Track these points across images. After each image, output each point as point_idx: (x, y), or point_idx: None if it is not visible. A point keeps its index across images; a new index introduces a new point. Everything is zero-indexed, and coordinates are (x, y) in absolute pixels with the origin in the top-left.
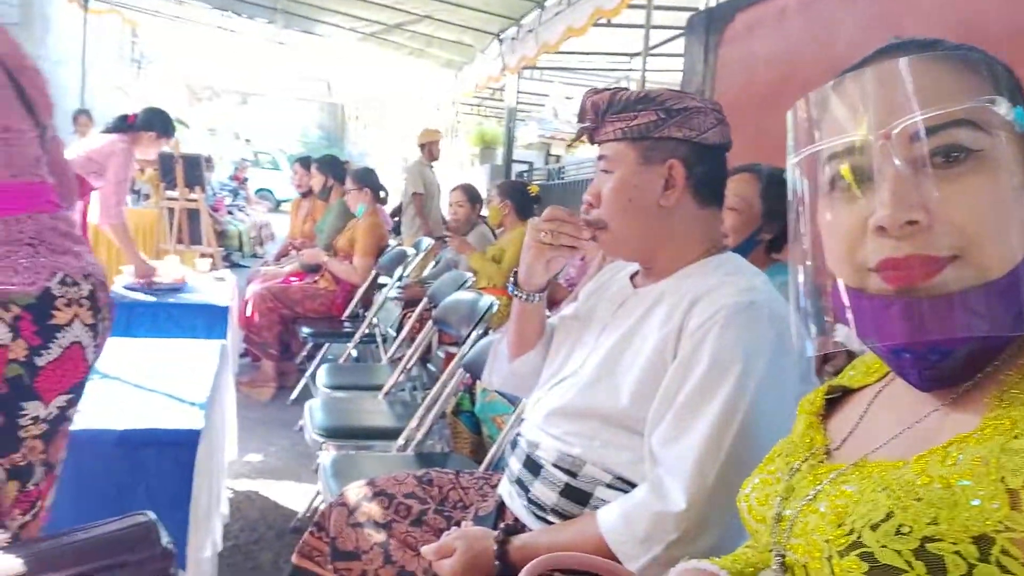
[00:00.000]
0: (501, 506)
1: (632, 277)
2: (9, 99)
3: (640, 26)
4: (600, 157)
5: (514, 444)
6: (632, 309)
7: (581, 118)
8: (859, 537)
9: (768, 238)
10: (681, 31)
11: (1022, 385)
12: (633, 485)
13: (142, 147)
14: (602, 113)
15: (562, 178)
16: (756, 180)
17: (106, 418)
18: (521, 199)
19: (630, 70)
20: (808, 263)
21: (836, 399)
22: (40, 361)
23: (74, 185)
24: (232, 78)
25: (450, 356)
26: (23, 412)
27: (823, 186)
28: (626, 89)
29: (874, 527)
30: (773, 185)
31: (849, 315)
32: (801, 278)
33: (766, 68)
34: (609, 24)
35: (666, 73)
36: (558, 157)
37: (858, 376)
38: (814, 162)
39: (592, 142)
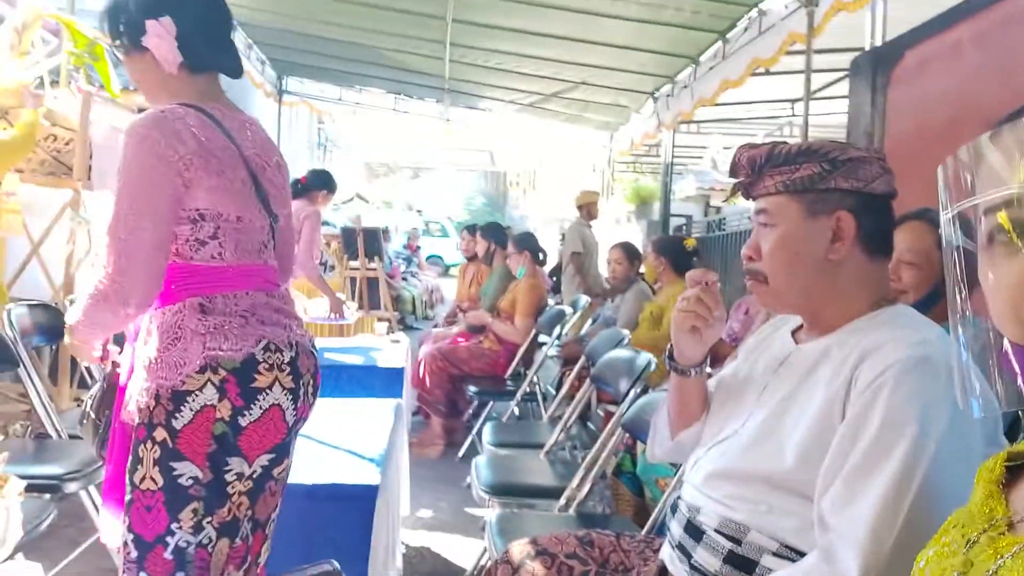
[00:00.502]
0: (663, 571)
1: (794, 332)
2: (247, 194)
3: (800, 71)
4: (759, 211)
5: (674, 508)
6: (795, 366)
7: (734, 173)
8: None
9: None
10: (844, 73)
11: None
12: (801, 554)
13: (319, 205)
14: (760, 167)
15: (723, 229)
16: (932, 230)
17: (296, 473)
18: (677, 254)
19: (792, 116)
20: (969, 321)
21: (1021, 466)
22: (243, 421)
23: (292, 265)
24: (404, 155)
25: (609, 415)
26: (228, 468)
27: (981, 240)
28: (784, 143)
29: None
30: None
31: (1019, 372)
32: (963, 337)
33: (941, 106)
34: (768, 72)
35: (830, 116)
36: (718, 209)
37: None
38: (969, 216)
39: (748, 197)
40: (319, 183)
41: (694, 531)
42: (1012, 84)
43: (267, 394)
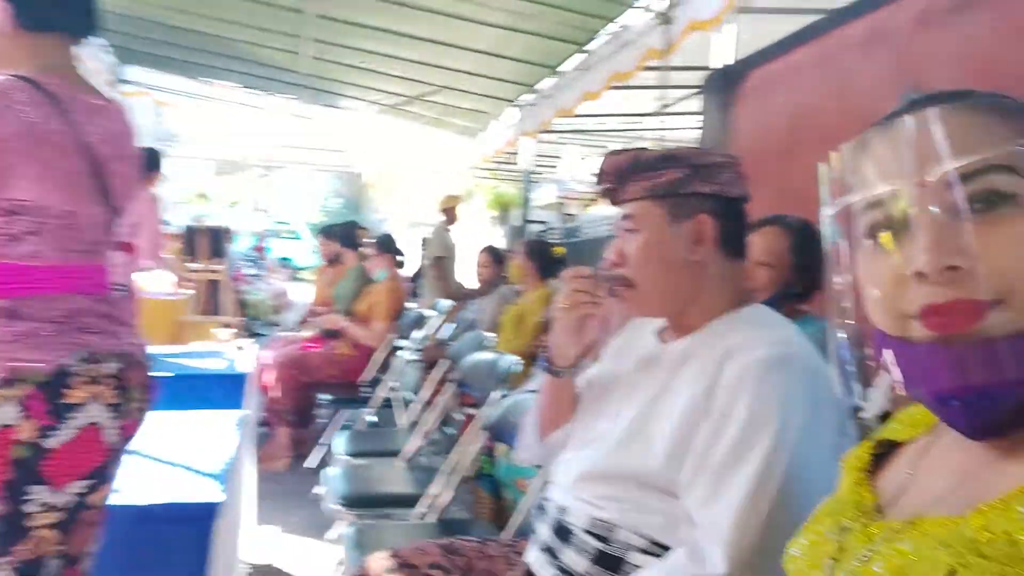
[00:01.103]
0: (529, 575)
1: (659, 332)
2: (82, 186)
3: (655, 87)
4: (625, 217)
5: (542, 509)
6: (662, 366)
7: (601, 180)
8: None
9: (798, 292)
10: (696, 90)
11: None
12: (667, 549)
13: (151, 186)
14: (624, 174)
15: (578, 236)
16: (784, 233)
17: (125, 493)
18: (545, 259)
19: (644, 130)
20: (848, 314)
21: (882, 454)
22: (51, 443)
23: (139, 260)
24: (254, 152)
25: (469, 418)
26: (29, 498)
27: (860, 236)
28: (647, 149)
29: None
30: (803, 238)
31: (893, 365)
32: (841, 330)
33: (783, 123)
34: (625, 86)
35: (681, 131)
36: (573, 216)
37: (902, 429)
38: (849, 213)
39: (614, 203)
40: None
41: (562, 532)
42: (847, 105)
43: (82, 411)
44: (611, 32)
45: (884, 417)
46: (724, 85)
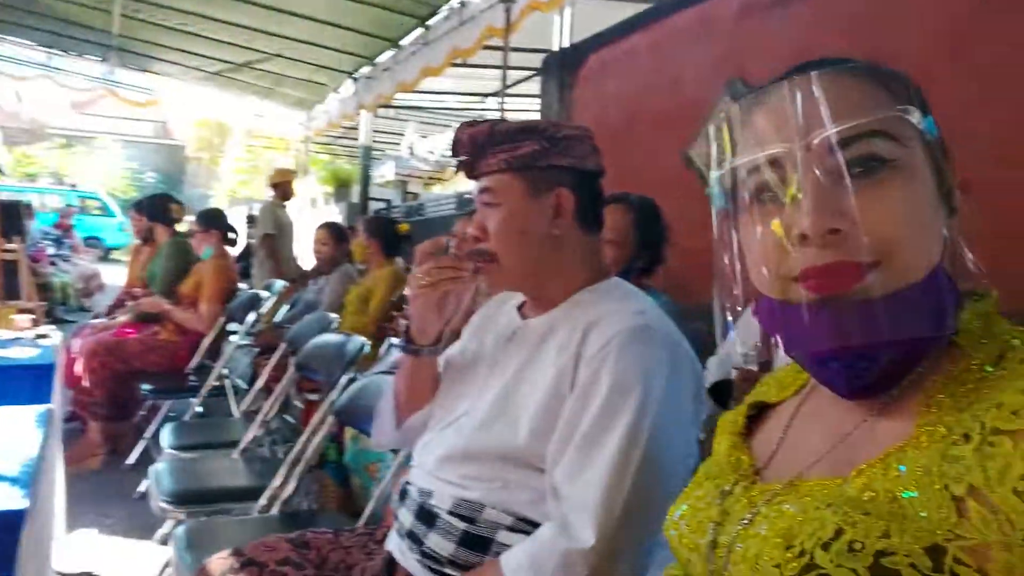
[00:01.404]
0: (391, 563)
1: (520, 308)
2: None
3: (496, 67)
4: (484, 190)
5: (403, 494)
6: (524, 341)
7: (456, 152)
8: (812, 559)
9: (642, 267)
10: (536, 71)
11: (947, 390)
12: (536, 525)
13: None
14: (482, 145)
15: (421, 215)
16: (629, 211)
17: None
18: (389, 237)
19: (484, 109)
20: (732, 277)
21: (753, 417)
22: None
23: None
24: (55, 120)
25: (311, 404)
26: None
27: (744, 199)
28: (504, 120)
29: (825, 546)
30: (646, 215)
31: (775, 326)
32: (724, 293)
33: (619, 105)
34: (465, 64)
35: (522, 113)
36: (415, 195)
37: (772, 391)
38: (734, 176)
39: (470, 176)
40: None
41: (426, 516)
42: (679, 88)
43: None
44: (452, 7)
45: (717, 386)
46: (562, 67)
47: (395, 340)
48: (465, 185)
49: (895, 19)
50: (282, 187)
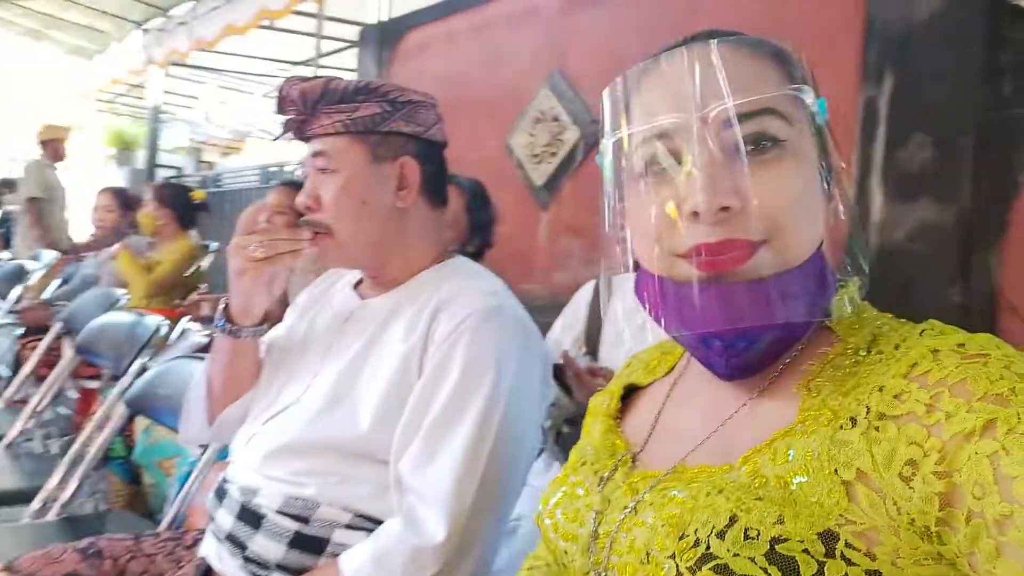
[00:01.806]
0: (207, 571)
1: (356, 287)
2: None
3: (309, 34)
4: (317, 154)
5: (220, 494)
6: (363, 323)
7: (283, 108)
8: (708, 548)
9: (472, 251)
10: (352, 43)
11: (825, 374)
12: (378, 522)
13: None
14: (314, 103)
15: (219, 186)
16: (460, 194)
17: None
18: (184, 207)
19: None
20: (621, 250)
21: (623, 400)
22: None
23: None
24: None
25: (88, 393)
26: None
27: (634, 170)
28: (339, 78)
29: (720, 535)
30: (477, 198)
31: (657, 303)
32: (610, 268)
33: (437, 87)
34: (274, 27)
35: None
36: (211, 164)
37: (639, 373)
38: (623, 145)
39: (300, 137)
40: None
41: (251, 517)
42: (496, 74)
43: None
44: None
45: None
46: (381, 42)
47: (192, 324)
48: (269, 157)
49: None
50: (52, 145)
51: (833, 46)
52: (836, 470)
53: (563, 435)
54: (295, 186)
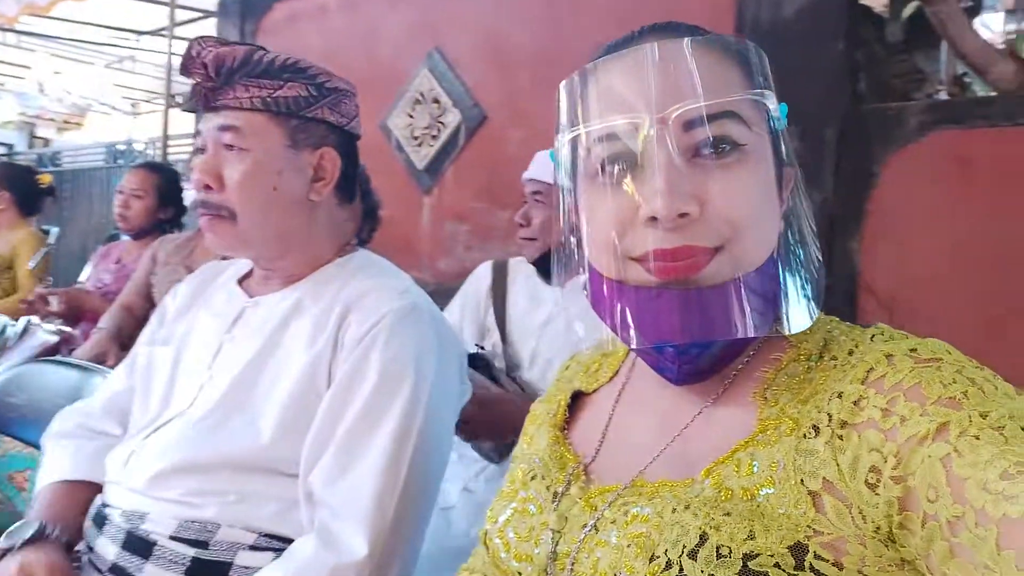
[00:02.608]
0: None
1: (241, 282)
2: None
3: (161, 2)
4: (226, 128)
5: (100, 520)
6: (257, 324)
7: (189, 71)
8: (681, 570)
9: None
10: (209, 13)
11: (780, 382)
12: (286, 540)
13: None
14: (231, 71)
15: (58, 165)
16: None
17: None
18: (26, 190)
19: (138, 49)
20: (571, 251)
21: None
22: None
23: None
24: None
25: None
26: None
27: (589, 170)
28: (264, 49)
29: (692, 554)
30: (363, 183)
31: (611, 308)
32: (562, 268)
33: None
34: None
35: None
36: (46, 140)
37: (581, 377)
38: (578, 144)
39: (207, 106)
40: None
41: (139, 545)
42: (372, 52)
43: None
44: None
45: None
46: (243, 13)
47: (37, 320)
48: (115, 134)
49: (580, 8)
50: None
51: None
52: (802, 480)
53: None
54: (153, 168)
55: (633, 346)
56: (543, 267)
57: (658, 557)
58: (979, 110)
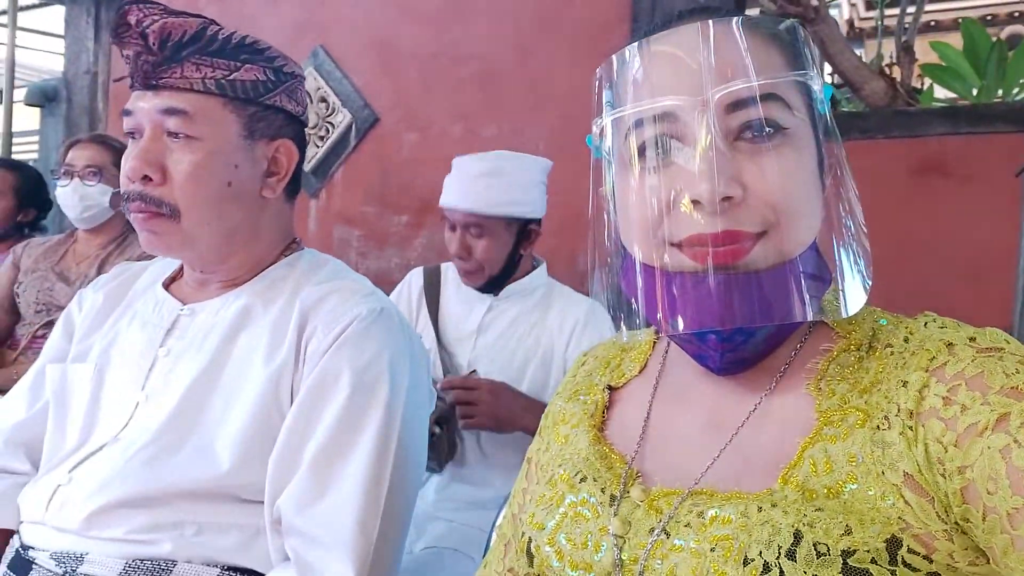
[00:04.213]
0: None
1: (168, 285)
2: None
3: None
4: (172, 111)
5: (22, 568)
6: (197, 334)
7: (122, 39)
8: (781, 572)
9: None
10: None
11: (832, 371)
12: (250, 573)
13: None
14: (180, 45)
15: None
16: None
17: None
18: None
19: None
20: (613, 240)
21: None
22: None
23: None
24: None
25: None
26: None
27: (628, 154)
28: (217, 23)
29: (790, 555)
30: None
31: (649, 295)
32: (605, 258)
33: None
34: None
35: (32, 52)
36: None
37: (602, 372)
38: (617, 127)
39: (146, 83)
40: None
41: None
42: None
43: None
44: None
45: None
46: (98, 1)
47: None
48: None
49: (472, 7)
50: None
51: (607, 33)
52: (883, 472)
53: (434, 436)
54: (10, 166)
55: (677, 331)
56: (489, 289)
57: (752, 560)
58: (855, 123)
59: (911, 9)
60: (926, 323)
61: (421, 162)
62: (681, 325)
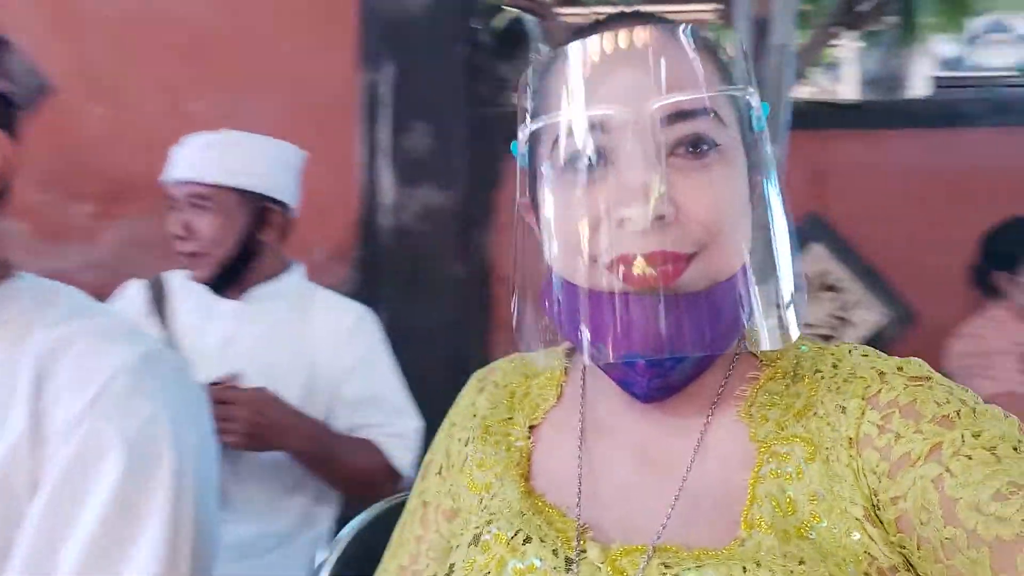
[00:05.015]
0: None
1: None
2: None
3: None
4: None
5: None
6: None
7: None
8: None
9: None
10: None
11: (761, 399)
12: None
13: None
14: None
15: None
16: None
17: None
18: None
19: None
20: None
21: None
22: None
23: None
24: None
25: None
26: None
27: (556, 164)
28: None
29: None
30: None
31: (570, 317)
32: (525, 274)
33: None
34: None
35: None
36: None
37: (511, 405)
38: (543, 136)
39: None
40: None
41: None
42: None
43: None
44: None
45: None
46: None
47: None
48: None
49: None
50: None
51: (331, 29)
52: (846, 509)
53: None
54: None
55: (605, 359)
56: (219, 283)
57: None
58: None
59: None
60: (850, 351)
61: (113, 141)
62: (610, 352)
